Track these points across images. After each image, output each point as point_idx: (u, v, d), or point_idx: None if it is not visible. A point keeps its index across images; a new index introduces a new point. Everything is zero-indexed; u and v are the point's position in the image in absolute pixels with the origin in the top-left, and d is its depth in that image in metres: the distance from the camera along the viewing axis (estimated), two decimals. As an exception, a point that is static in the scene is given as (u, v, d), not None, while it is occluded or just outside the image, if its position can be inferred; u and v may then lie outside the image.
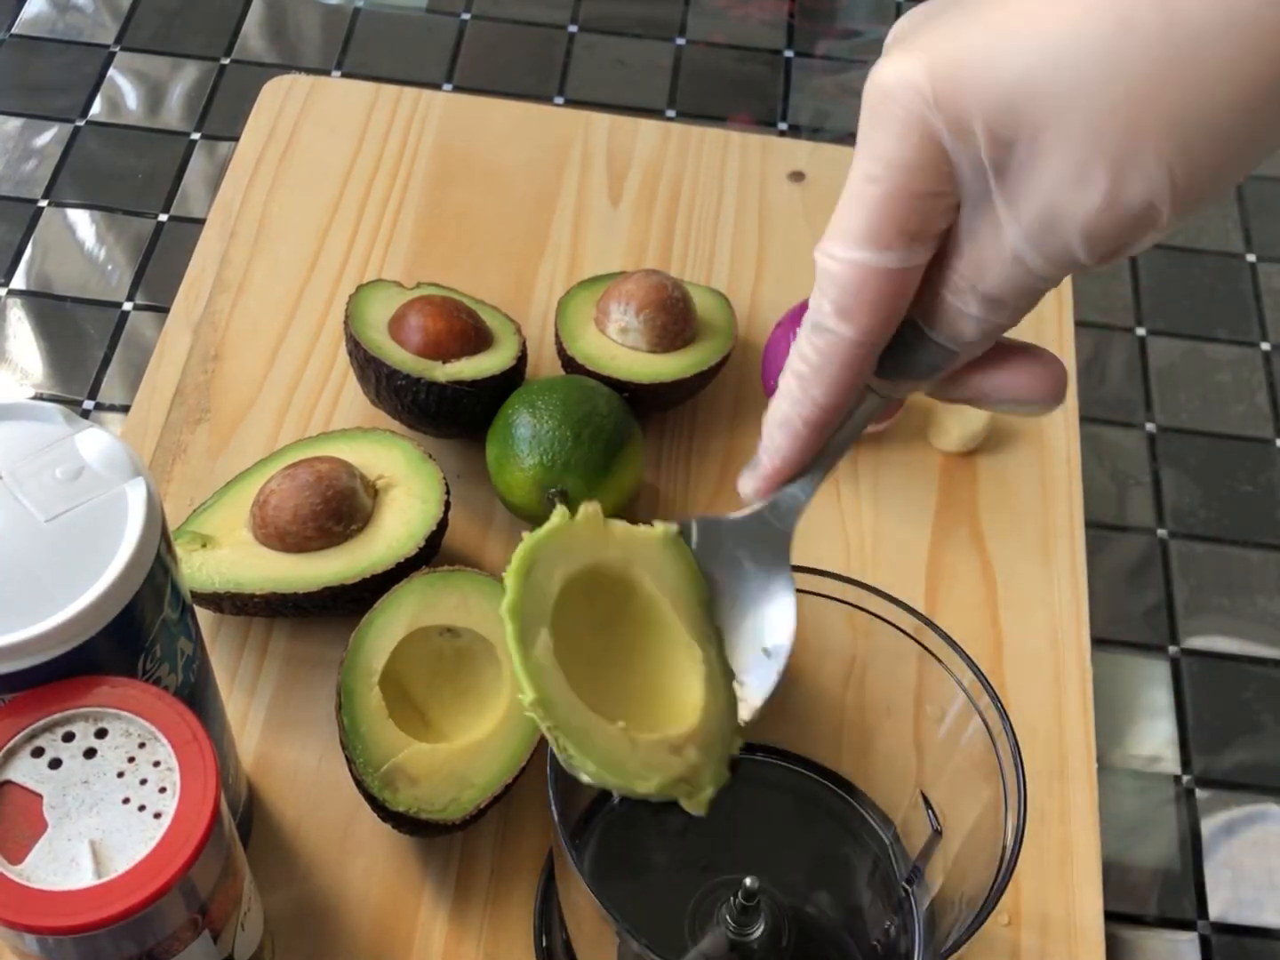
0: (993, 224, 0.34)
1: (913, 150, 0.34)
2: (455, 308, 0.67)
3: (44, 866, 0.39)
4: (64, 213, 0.79)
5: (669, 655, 0.44)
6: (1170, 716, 0.66)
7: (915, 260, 0.36)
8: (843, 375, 0.38)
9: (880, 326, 0.37)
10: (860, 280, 0.36)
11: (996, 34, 0.32)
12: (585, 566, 0.44)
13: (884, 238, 0.35)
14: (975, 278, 0.35)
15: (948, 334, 0.37)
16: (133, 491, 0.43)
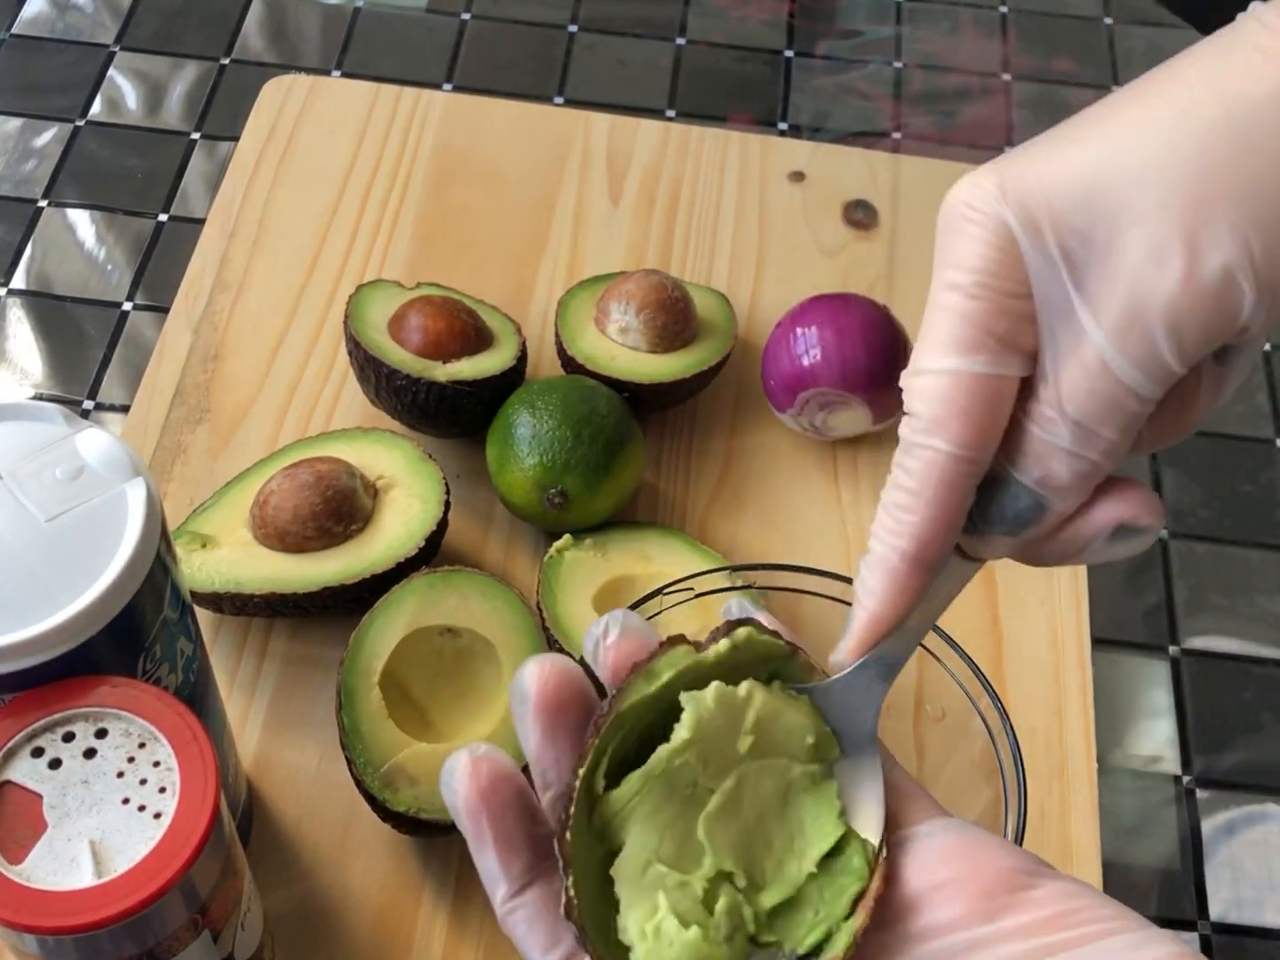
0: (1073, 332, 0.33)
1: (990, 249, 0.33)
2: (455, 308, 0.67)
3: (44, 866, 0.39)
4: (64, 212, 0.79)
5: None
6: (1170, 716, 0.66)
7: (1006, 368, 0.34)
8: (942, 496, 0.35)
9: (976, 438, 0.34)
10: (950, 387, 0.34)
11: (1061, 138, 0.33)
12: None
13: (971, 342, 0.34)
14: (1061, 400, 0.33)
15: (1037, 475, 0.35)
16: (132, 491, 0.43)
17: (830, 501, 0.69)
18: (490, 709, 0.57)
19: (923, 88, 0.88)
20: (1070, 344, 0.33)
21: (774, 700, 0.37)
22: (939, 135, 0.85)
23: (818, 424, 0.68)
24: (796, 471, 0.69)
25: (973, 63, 0.89)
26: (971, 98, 0.88)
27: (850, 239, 0.78)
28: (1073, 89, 0.88)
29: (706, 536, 0.67)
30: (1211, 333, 0.32)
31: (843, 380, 0.66)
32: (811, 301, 0.68)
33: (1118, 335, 0.32)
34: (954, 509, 0.35)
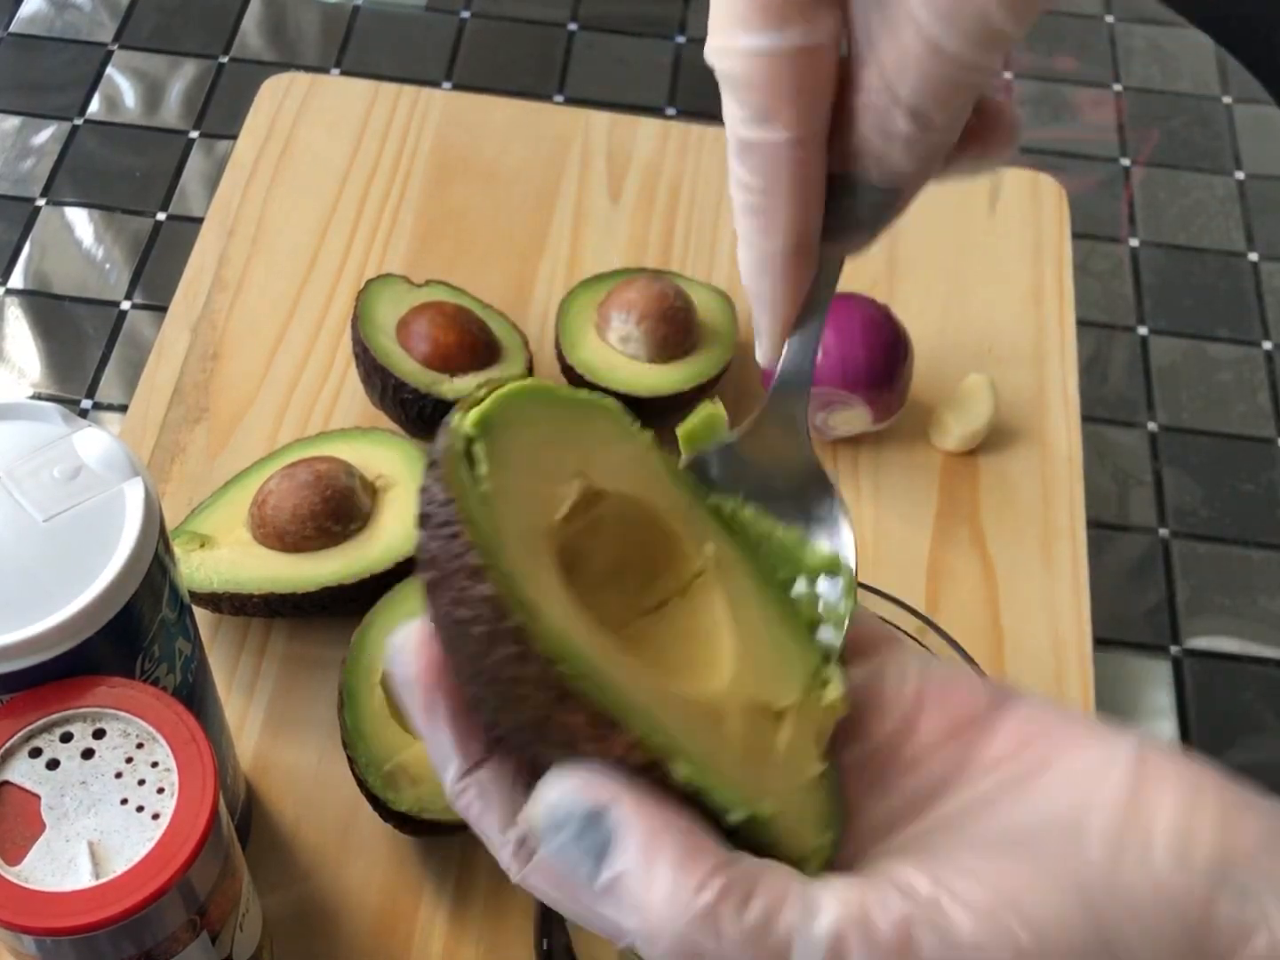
0: (899, 11, 0.29)
1: None
2: (466, 319, 0.66)
3: (42, 867, 0.39)
4: (62, 211, 0.79)
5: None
6: (1172, 717, 0.66)
7: (822, 34, 0.30)
8: (796, 187, 0.32)
9: (811, 118, 0.31)
10: (772, 69, 0.30)
11: None
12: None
13: (779, 11, 0.30)
14: (892, 85, 0.30)
15: (879, 170, 0.32)
16: (131, 491, 0.43)
17: (831, 501, 0.68)
18: (490, 709, 0.57)
19: (923, 86, 0.88)
20: (894, 23, 0.30)
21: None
22: (939, 134, 0.85)
23: (818, 424, 0.68)
24: (797, 471, 0.69)
25: (973, 61, 0.89)
26: (972, 96, 0.87)
27: (851, 238, 0.77)
28: (1074, 87, 0.88)
29: (707, 536, 0.67)
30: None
31: (843, 380, 0.66)
32: (812, 300, 0.68)
33: (947, 9, 0.29)
34: (813, 194, 0.33)
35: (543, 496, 0.31)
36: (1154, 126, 0.87)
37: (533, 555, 0.30)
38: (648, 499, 0.34)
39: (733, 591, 0.34)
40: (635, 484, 0.33)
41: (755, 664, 0.33)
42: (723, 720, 0.31)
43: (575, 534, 0.32)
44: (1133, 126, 0.87)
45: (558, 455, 0.32)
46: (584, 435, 0.33)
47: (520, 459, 0.31)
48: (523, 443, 0.31)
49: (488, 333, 0.67)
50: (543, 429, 0.32)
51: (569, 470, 0.32)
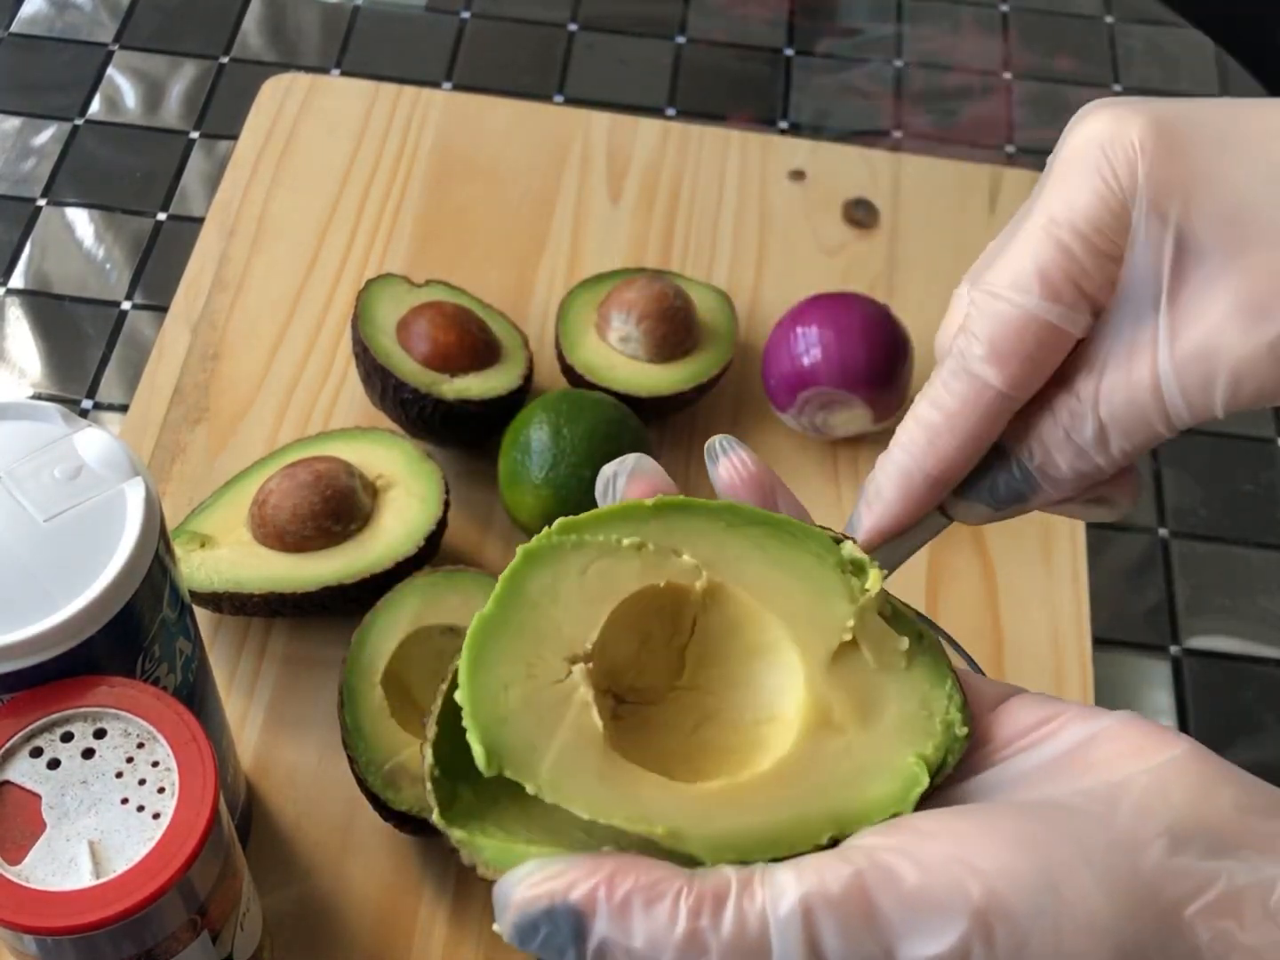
0: (1139, 336, 0.33)
1: (1106, 207, 0.32)
2: (466, 319, 0.66)
3: (42, 867, 0.39)
4: (62, 211, 0.79)
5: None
6: (1172, 717, 0.66)
7: (1075, 324, 0.34)
8: (979, 428, 0.35)
9: (1028, 383, 0.34)
10: (1022, 325, 0.33)
11: (1227, 139, 0.32)
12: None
13: (1056, 286, 0.33)
14: (1098, 396, 0.33)
15: (1039, 461, 0.35)
16: (131, 491, 0.43)
17: (830, 501, 0.68)
18: (490, 709, 0.57)
19: (923, 86, 0.88)
20: (1130, 346, 0.33)
21: None
22: (940, 134, 0.85)
23: (818, 424, 0.68)
24: (796, 471, 0.69)
25: (974, 61, 0.89)
26: (972, 96, 0.87)
27: (850, 238, 0.78)
28: (1074, 87, 0.88)
29: (707, 536, 0.67)
30: (1263, 398, 0.32)
31: (843, 380, 0.66)
32: (812, 301, 0.68)
33: (1183, 364, 0.32)
34: (983, 443, 0.35)
35: (554, 703, 0.32)
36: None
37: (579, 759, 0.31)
38: (622, 594, 0.34)
39: (745, 577, 0.35)
40: (603, 595, 0.34)
41: (809, 625, 0.34)
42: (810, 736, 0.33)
43: (603, 666, 0.33)
44: (1133, 127, 0.87)
45: (546, 665, 0.32)
46: (545, 616, 0.33)
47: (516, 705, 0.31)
48: (513, 699, 0.31)
49: (488, 333, 0.67)
50: (504, 648, 0.32)
51: (559, 660, 0.32)
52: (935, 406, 0.35)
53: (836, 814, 0.32)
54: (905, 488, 0.36)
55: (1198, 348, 0.32)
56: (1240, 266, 0.31)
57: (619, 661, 0.34)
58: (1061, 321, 0.33)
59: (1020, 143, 0.85)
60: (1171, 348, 0.32)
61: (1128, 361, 0.33)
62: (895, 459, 0.36)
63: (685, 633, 0.35)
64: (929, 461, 0.36)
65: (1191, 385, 0.32)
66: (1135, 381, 0.33)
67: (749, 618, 0.35)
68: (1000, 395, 0.34)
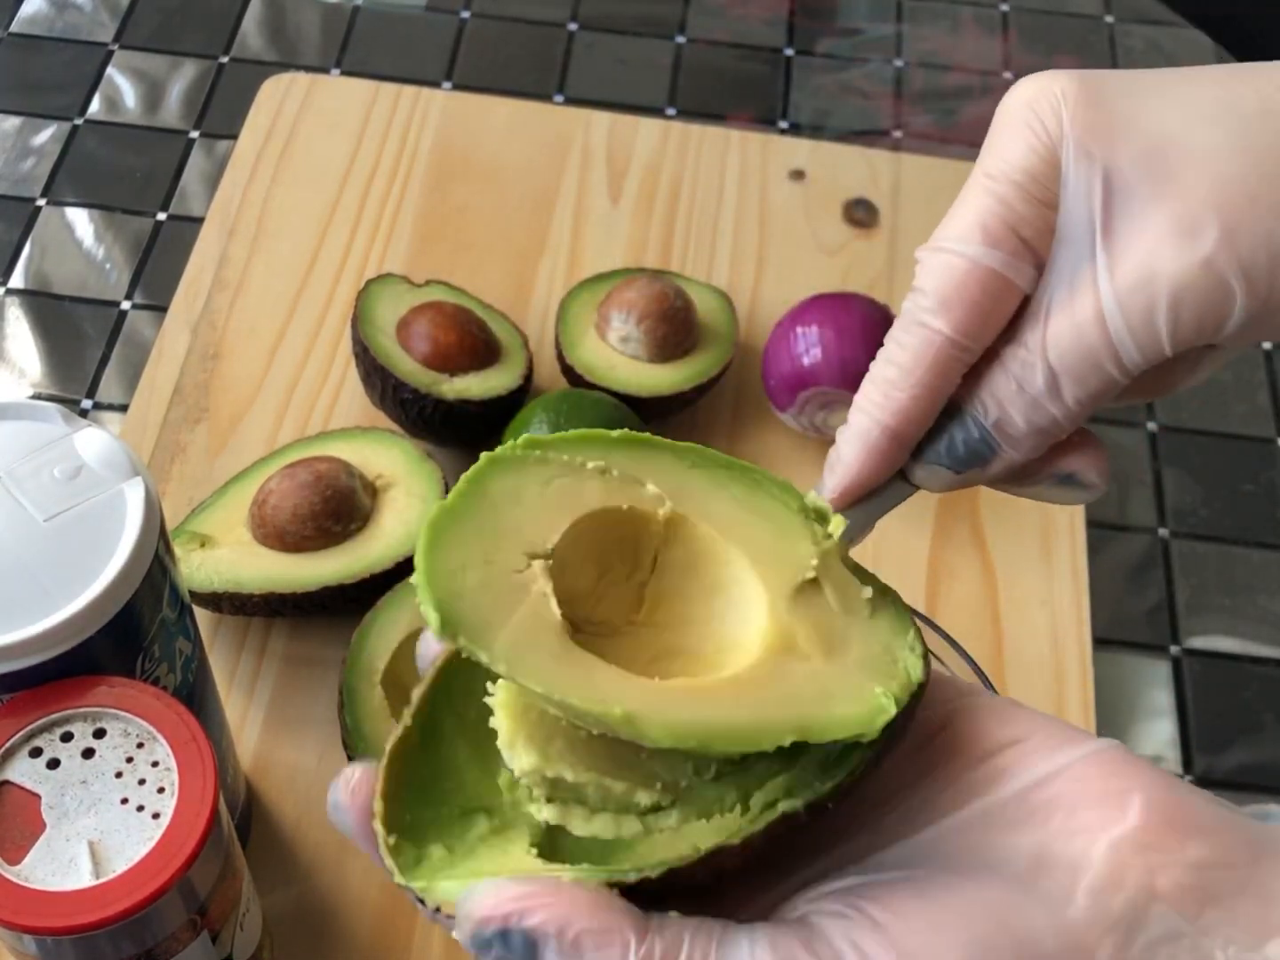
0: (1080, 278, 0.33)
1: (1037, 156, 0.34)
2: (465, 319, 0.66)
3: (42, 867, 0.39)
4: (62, 211, 0.79)
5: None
6: (1172, 716, 0.66)
7: (1018, 274, 0.34)
8: (933, 379, 0.35)
9: (977, 329, 0.35)
10: (966, 273, 0.34)
11: (1143, 84, 0.33)
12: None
13: (996, 234, 0.34)
14: (1046, 343, 0.34)
15: (995, 418, 0.35)
16: (131, 491, 0.43)
17: (831, 501, 0.68)
18: (490, 709, 0.57)
19: (923, 86, 0.88)
20: (1072, 290, 0.33)
21: None
22: (940, 134, 0.85)
23: (818, 423, 0.68)
24: (796, 471, 0.69)
25: (973, 61, 0.89)
26: (972, 96, 0.87)
27: (850, 238, 0.78)
28: (1073, 88, 0.88)
29: (707, 536, 0.67)
30: (1204, 326, 0.32)
31: (843, 379, 0.66)
32: (812, 300, 0.68)
33: (1124, 293, 0.32)
34: (938, 393, 0.35)
35: (511, 594, 0.31)
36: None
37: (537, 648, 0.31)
38: (584, 508, 0.34)
39: (709, 513, 0.35)
40: (564, 505, 0.34)
41: (772, 561, 0.34)
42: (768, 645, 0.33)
43: (557, 591, 0.32)
44: (1132, 126, 0.87)
45: (505, 556, 0.32)
46: (506, 515, 0.33)
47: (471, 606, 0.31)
48: (471, 581, 0.31)
49: (488, 333, 0.67)
50: (463, 537, 0.32)
51: (518, 554, 0.32)
52: (889, 362, 0.36)
53: (799, 722, 0.31)
54: (864, 445, 0.36)
55: (1136, 277, 0.32)
56: (1166, 194, 0.32)
57: (577, 589, 0.34)
58: (1004, 269, 0.34)
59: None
60: (1111, 281, 0.33)
61: (1071, 303, 0.33)
62: (853, 422, 0.36)
63: (646, 569, 0.35)
64: (885, 415, 0.36)
65: (1135, 316, 0.32)
66: (1080, 321, 0.33)
67: (711, 551, 0.34)
68: (949, 342, 0.35)
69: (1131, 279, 0.32)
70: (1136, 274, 0.32)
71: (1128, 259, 0.32)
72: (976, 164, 0.35)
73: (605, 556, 0.35)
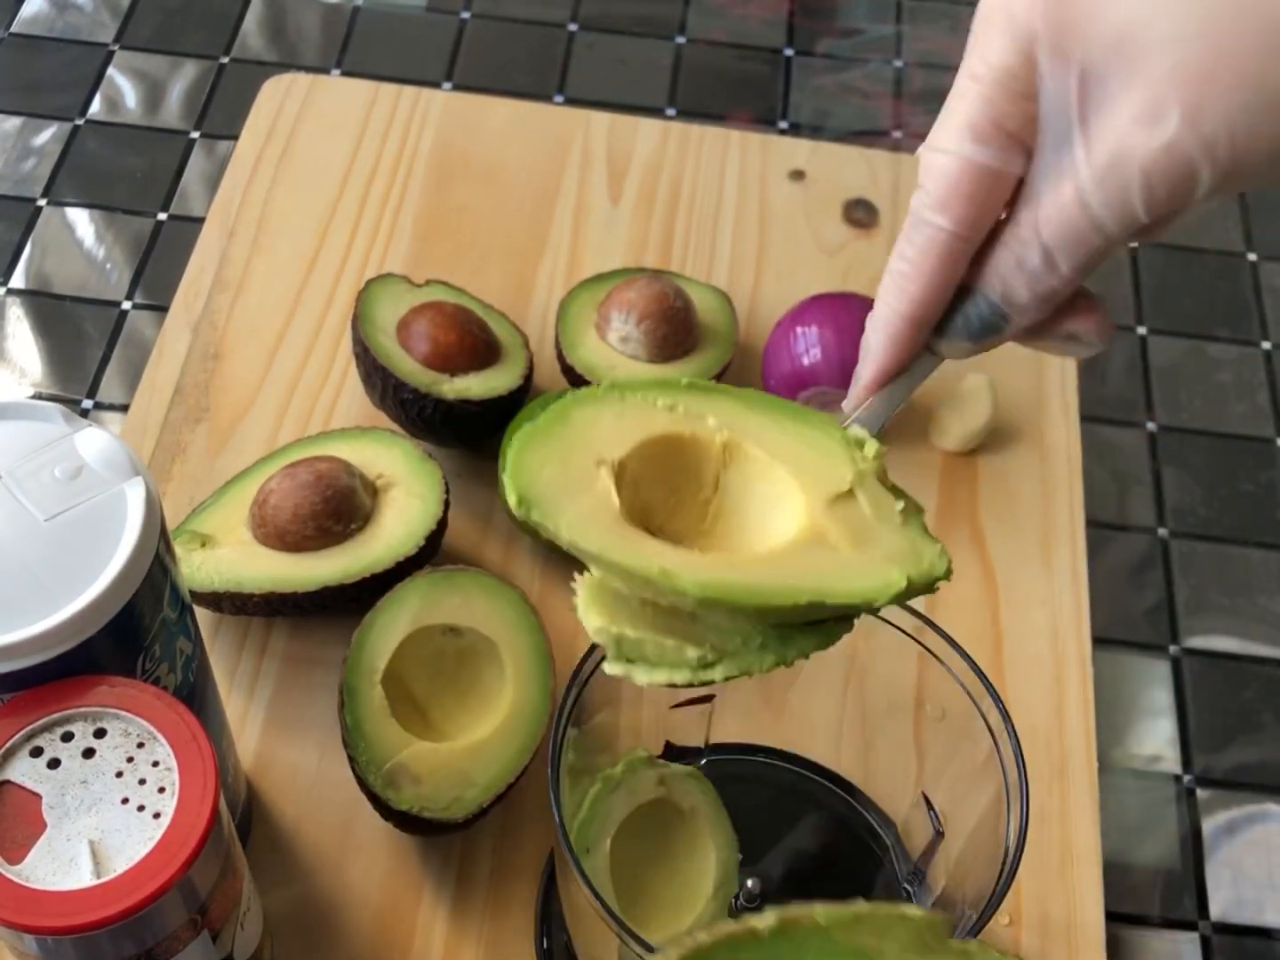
0: (1063, 162, 0.36)
1: (1015, 53, 0.36)
2: (466, 319, 0.66)
3: (43, 866, 0.39)
4: (63, 212, 0.79)
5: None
6: (1171, 716, 0.66)
7: (1008, 164, 0.37)
8: (940, 268, 0.39)
9: (975, 220, 0.38)
10: (959, 171, 0.38)
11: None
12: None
13: (983, 132, 0.37)
14: (1038, 223, 0.37)
15: (1001, 291, 0.38)
16: (132, 491, 0.43)
17: (830, 501, 0.68)
18: (492, 708, 0.57)
19: (923, 86, 0.88)
20: (1057, 175, 0.36)
21: None
22: (939, 134, 0.85)
23: (818, 423, 0.68)
24: (797, 471, 0.69)
25: (973, 61, 0.89)
26: (972, 97, 0.87)
27: (850, 238, 0.78)
28: (1073, 88, 0.88)
29: (707, 536, 0.67)
30: (1176, 197, 0.35)
31: (843, 379, 0.66)
32: (811, 300, 0.68)
33: (1100, 172, 0.35)
34: (947, 279, 0.39)
35: (586, 495, 0.38)
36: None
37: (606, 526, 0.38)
38: (652, 432, 0.40)
39: (762, 440, 0.41)
40: (635, 430, 0.40)
41: (814, 477, 0.40)
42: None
43: (631, 500, 0.39)
44: (1132, 127, 0.87)
45: (578, 461, 0.39)
46: (582, 435, 0.39)
47: (551, 487, 0.38)
48: (547, 474, 0.38)
49: (488, 333, 0.67)
50: (545, 448, 0.39)
51: (590, 463, 0.39)
52: (900, 259, 0.40)
53: (816, 587, 0.37)
54: (889, 333, 0.41)
55: (1109, 161, 0.35)
56: (1133, 82, 0.34)
57: (652, 502, 0.40)
58: (994, 162, 0.37)
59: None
60: (1089, 165, 0.35)
61: (1056, 186, 0.36)
62: (876, 313, 0.41)
63: (709, 489, 0.41)
64: (903, 305, 0.40)
65: (1111, 195, 0.35)
66: (1065, 202, 0.36)
67: (762, 471, 0.40)
68: (952, 235, 0.38)
69: (1105, 162, 0.35)
70: (1109, 158, 0.35)
71: (1101, 145, 0.35)
72: (961, 64, 0.38)
73: (674, 477, 0.41)
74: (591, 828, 0.51)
